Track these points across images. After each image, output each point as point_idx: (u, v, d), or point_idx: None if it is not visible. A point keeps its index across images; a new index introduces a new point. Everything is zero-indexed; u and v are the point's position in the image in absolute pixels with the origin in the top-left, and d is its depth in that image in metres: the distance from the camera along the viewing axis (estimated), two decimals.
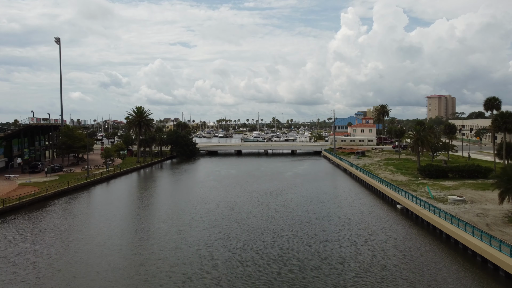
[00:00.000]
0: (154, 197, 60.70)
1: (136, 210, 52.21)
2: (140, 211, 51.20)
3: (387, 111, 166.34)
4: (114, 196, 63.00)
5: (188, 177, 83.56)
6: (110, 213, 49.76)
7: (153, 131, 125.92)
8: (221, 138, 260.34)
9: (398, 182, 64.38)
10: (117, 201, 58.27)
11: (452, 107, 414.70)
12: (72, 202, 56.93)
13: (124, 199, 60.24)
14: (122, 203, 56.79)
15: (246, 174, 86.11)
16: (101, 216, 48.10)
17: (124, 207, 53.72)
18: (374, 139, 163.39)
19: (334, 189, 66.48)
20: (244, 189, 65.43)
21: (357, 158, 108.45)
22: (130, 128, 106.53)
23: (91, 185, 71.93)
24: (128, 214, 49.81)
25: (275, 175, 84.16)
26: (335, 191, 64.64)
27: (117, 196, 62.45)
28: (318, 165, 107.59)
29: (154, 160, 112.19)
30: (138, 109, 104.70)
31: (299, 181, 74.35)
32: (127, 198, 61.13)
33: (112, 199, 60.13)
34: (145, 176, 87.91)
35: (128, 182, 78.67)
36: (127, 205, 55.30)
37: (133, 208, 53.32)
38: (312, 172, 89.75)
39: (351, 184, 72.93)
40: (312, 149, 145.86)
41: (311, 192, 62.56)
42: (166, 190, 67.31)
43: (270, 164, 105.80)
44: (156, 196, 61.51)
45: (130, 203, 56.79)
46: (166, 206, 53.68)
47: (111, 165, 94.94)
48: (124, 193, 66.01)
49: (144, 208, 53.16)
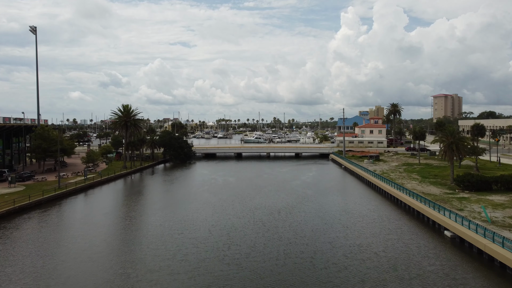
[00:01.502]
0: (130, 219, 48.37)
1: (98, 242, 39.79)
2: (104, 245, 38.91)
3: (399, 110, 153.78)
4: (82, 215, 50.81)
5: (178, 188, 71.37)
6: (63, 247, 37.63)
7: (143, 132, 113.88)
8: (220, 138, 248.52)
9: (433, 197, 52.36)
10: (79, 225, 46.05)
11: (459, 107, 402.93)
12: (24, 225, 44.72)
13: (89, 221, 47.97)
14: (83, 229, 44.55)
15: (247, 183, 73.96)
16: (52, 252, 35.98)
17: (82, 236, 41.49)
18: (384, 141, 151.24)
19: (355, 205, 54.33)
20: (244, 205, 53.28)
21: (371, 163, 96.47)
22: (116, 129, 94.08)
23: (61, 197, 59.83)
24: (86, 248, 37.58)
25: (281, 184, 72.03)
26: (357, 208, 52.48)
27: (84, 216, 50.26)
28: (328, 170, 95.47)
29: (144, 165, 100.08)
30: (124, 107, 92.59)
31: (310, 193, 62.24)
32: (93, 219, 48.80)
33: (77, 221, 47.96)
34: (129, 186, 75.66)
35: (105, 194, 66.48)
36: (87, 233, 42.99)
37: (94, 240, 41.02)
38: (323, 181, 77.60)
39: (373, 197, 60.80)
40: (319, 151, 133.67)
41: (328, 210, 50.43)
42: (148, 207, 55.10)
43: (273, 170, 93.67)
44: (134, 217, 49.20)
45: (93, 230, 44.51)
46: (143, 232, 41.50)
47: (93, 172, 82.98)
48: (93, 211, 53.76)
49: (111, 237, 40.94)
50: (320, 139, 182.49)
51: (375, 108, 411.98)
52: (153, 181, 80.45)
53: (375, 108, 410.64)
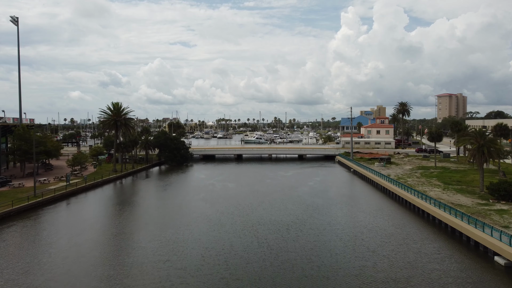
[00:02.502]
0: (108, 239, 40.38)
1: (57, 275, 32.11)
2: (64, 278, 31.17)
3: (407, 109, 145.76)
4: (49, 233, 43.02)
5: (171, 195, 63.56)
6: (10, 281, 29.88)
7: (138, 132, 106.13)
8: (220, 139, 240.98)
9: (466, 209, 44.67)
10: (43, 246, 38.31)
11: (463, 107, 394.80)
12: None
13: (56, 242, 40.21)
14: (45, 253, 36.76)
15: (248, 189, 66.17)
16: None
17: (40, 265, 33.71)
18: (392, 142, 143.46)
19: (375, 219, 46.50)
20: (246, 219, 45.46)
21: (382, 166, 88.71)
22: (105, 130, 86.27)
23: (36, 208, 52.09)
24: (39, 285, 29.79)
25: (286, 191, 64.26)
26: (379, 224, 44.67)
27: (51, 235, 42.50)
28: (335, 174, 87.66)
29: (137, 168, 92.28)
30: (114, 105, 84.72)
31: (320, 203, 54.44)
32: (61, 241, 41.02)
33: (42, 240, 40.19)
34: (116, 193, 67.83)
35: (87, 204, 58.63)
36: (48, 261, 35.23)
37: (55, 270, 33.23)
38: (332, 187, 69.81)
39: (393, 207, 52.99)
40: (324, 153, 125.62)
41: (346, 226, 42.61)
42: (133, 222, 47.24)
43: (276, 174, 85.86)
44: (113, 237, 41.24)
45: (57, 257, 36.73)
46: (120, 259, 33.68)
47: (79, 176, 75.28)
48: (64, 228, 45.96)
49: (76, 267, 33.18)
50: (324, 139, 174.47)
51: (376, 108, 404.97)
52: (144, 187, 72.64)
53: (377, 108, 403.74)
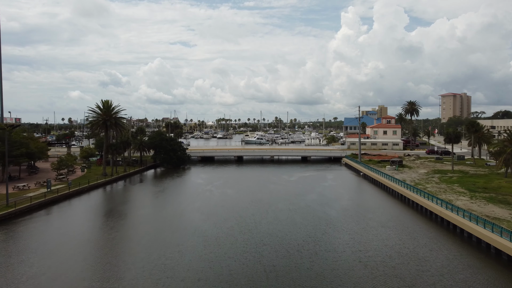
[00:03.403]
0: (80, 263, 33.74)
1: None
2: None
3: (416, 109, 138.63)
4: (20, 249, 36.12)
5: (162, 204, 56.66)
6: None
7: (129, 133, 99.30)
8: (220, 139, 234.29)
9: (506, 223, 37.81)
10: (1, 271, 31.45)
11: (468, 106, 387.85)
12: None
13: (24, 263, 33.33)
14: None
15: (250, 197, 59.26)
16: None
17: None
18: (400, 143, 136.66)
19: (402, 235, 39.56)
20: (247, 237, 38.53)
21: (394, 170, 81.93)
22: (94, 130, 79.45)
23: (7, 220, 45.21)
24: None
25: (292, 199, 57.38)
26: (409, 245, 37.78)
27: (21, 251, 35.59)
28: (344, 179, 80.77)
29: (129, 171, 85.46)
30: (104, 104, 77.84)
31: (334, 216, 47.52)
32: (35, 260, 34.21)
33: (7, 260, 33.32)
34: (102, 200, 60.88)
35: (66, 214, 51.61)
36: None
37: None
38: (343, 194, 62.90)
39: (417, 220, 46.06)
40: (329, 155, 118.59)
41: (368, 246, 35.71)
42: (115, 240, 40.41)
43: (280, 179, 78.95)
44: (85, 260, 34.57)
45: (24, 280, 29.81)
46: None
47: (64, 180, 68.52)
48: (37, 243, 39.14)
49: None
50: (327, 140, 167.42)
51: (378, 107, 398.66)
52: (134, 193, 65.73)
53: (379, 107, 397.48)
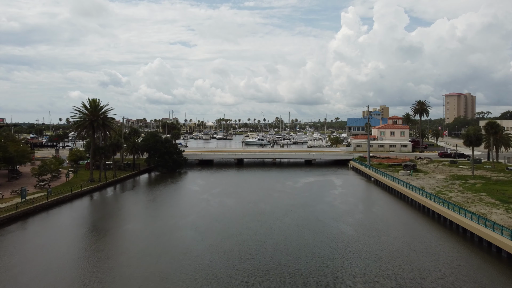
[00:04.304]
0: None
1: None
2: None
3: (426, 109, 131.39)
4: None
5: (151, 218, 49.47)
6: None
7: (122, 134, 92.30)
8: (219, 139, 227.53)
9: None
10: None
11: (472, 107, 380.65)
12: None
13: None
14: None
15: (252, 209, 52.11)
16: None
17: None
18: (408, 144, 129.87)
19: (436, 264, 32.53)
20: (250, 266, 31.40)
21: (409, 175, 74.95)
22: (80, 131, 72.34)
23: None
24: None
25: (300, 212, 50.28)
26: (446, 272, 30.75)
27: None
28: (354, 185, 73.66)
29: (120, 176, 78.49)
30: (91, 103, 70.75)
31: (352, 235, 40.39)
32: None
33: None
34: (83, 212, 53.53)
35: (39, 230, 44.52)
36: None
37: None
38: (357, 204, 55.72)
39: (449, 239, 39.01)
40: (335, 158, 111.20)
41: (404, 282, 28.68)
42: (88, 269, 33.40)
43: (284, 185, 71.85)
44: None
45: None
46: None
47: (45, 187, 61.56)
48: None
49: None
50: (331, 141, 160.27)
51: (379, 108, 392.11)
52: (120, 204, 58.59)
53: (380, 108, 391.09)
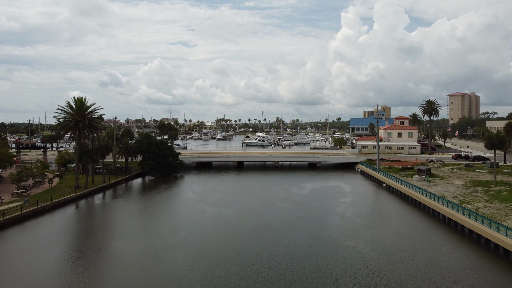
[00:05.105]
0: None
1: None
2: None
3: (436, 109, 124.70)
4: None
5: (136, 235, 42.80)
6: None
7: (113, 136, 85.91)
8: (219, 140, 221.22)
9: None
10: None
11: (476, 107, 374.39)
12: None
13: None
14: None
15: (253, 223, 45.50)
16: None
17: None
18: (417, 146, 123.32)
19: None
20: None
21: (424, 180, 68.60)
22: (64, 133, 65.78)
23: None
24: None
25: (309, 226, 43.74)
26: None
27: None
28: (364, 191, 67.21)
29: (110, 181, 72.08)
30: (76, 102, 64.31)
31: (374, 257, 33.94)
32: None
33: None
34: (61, 226, 46.70)
35: (5, 252, 38.27)
36: None
37: None
38: (372, 215, 49.19)
39: (493, 265, 32.60)
40: (341, 160, 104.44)
41: None
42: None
43: (288, 192, 65.34)
44: None
45: None
46: None
47: (24, 195, 55.13)
48: None
49: None
50: (335, 142, 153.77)
51: (381, 108, 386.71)
52: (104, 215, 52.00)
53: (381, 108, 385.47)
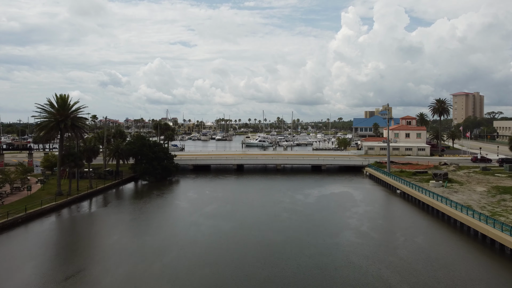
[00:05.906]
0: None
1: None
2: None
3: (446, 108, 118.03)
4: None
5: (116, 257, 36.37)
6: None
7: (104, 137, 79.49)
8: (219, 141, 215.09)
9: None
10: None
11: (480, 106, 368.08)
12: None
13: None
14: None
15: (254, 239, 38.98)
16: None
17: None
18: (426, 147, 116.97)
19: None
20: None
21: (442, 186, 62.33)
22: (45, 134, 59.28)
23: None
24: None
25: (320, 244, 37.25)
26: None
27: None
28: (376, 198, 60.79)
29: (98, 187, 65.76)
30: (58, 99, 57.80)
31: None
32: None
33: None
34: (34, 243, 39.84)
35: None
36: None
37: None
38: (391, 229, 42.70)
39: None
40: (347, 163, 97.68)
41: None
42: None
43: (293, 200, 58.82)
44: None
45: None
46: None
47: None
48: None
49: None
50: (339, 143, 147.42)
51: (383, 108, 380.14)
52: (84, 229, 45.33)
53: (383, 108, 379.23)
